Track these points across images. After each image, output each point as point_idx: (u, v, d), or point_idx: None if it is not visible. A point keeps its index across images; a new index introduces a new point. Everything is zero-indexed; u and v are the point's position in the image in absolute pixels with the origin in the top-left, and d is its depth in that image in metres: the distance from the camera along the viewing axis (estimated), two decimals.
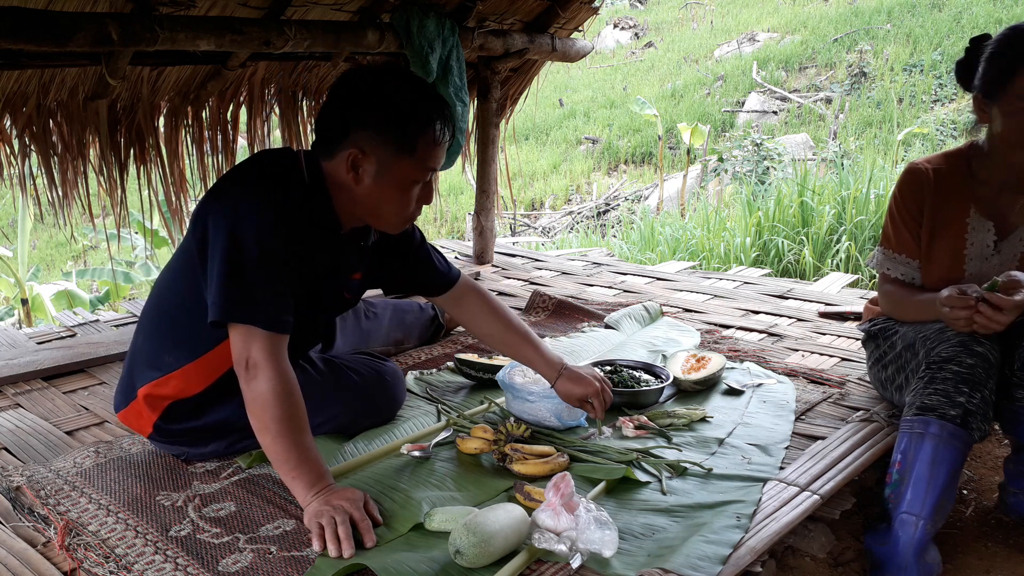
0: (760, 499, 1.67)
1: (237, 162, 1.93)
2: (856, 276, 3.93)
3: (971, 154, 1.94)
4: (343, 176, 1.66)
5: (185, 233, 1.75)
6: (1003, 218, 1.91)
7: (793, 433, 2.01)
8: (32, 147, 2.69)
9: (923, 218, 1.96)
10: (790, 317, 3.03)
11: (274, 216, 1.60)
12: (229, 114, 3.10)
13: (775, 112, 11.58)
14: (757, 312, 3.10)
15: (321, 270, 1.76)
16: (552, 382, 1.97)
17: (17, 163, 2.69)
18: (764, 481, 1.74)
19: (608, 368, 2.33)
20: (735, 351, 2.63)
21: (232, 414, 1.78)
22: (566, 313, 3.05)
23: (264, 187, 1.64)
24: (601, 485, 1.71)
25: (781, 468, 1.82)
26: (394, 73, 1.72)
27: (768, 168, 8.12)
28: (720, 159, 8.84)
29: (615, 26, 17.35)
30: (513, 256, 4.18)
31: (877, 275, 2.08)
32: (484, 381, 2.30)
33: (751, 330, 2.88)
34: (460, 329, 2.88)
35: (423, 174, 1.68)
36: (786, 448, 1.92)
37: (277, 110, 3.24)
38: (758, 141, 8.45)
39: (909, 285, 1.99)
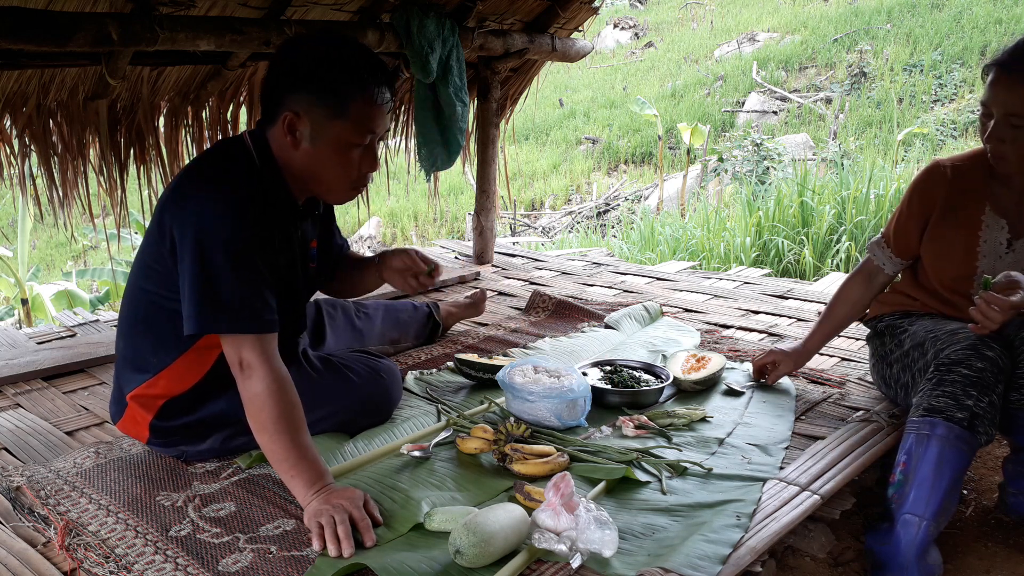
0: (760, 499, 1.66)
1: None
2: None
3: None
4: (282, 141, 1.66)
5: (148, 227, 1.73)
6: (1019, 217, 1.93)
7: (793, 433, 2.01)
8: (32, 147, 2.68)
9: (931, 217, 2.00)
10: (790, 317, 3.03)
11: (237, 215, 1.59)
12: (229, 114, 3.10)
13: (775, 112, 11.58)
14: (757, 312, 3.10)
15: (287, 249, 1.75)
16: (378, 272, 2.05)
17: (17, 163, 2.69)
18: (764, 481, 1.74)
19: (608, 368, 2.33)
20: (735, 351, 2.62)
21: (227, 406, 1.78)
22: (566, 313, 3.05)
23: (223, 186, 1.63)
24: (601, 485, 1.71)
25: (781, 468, 1.82)
26: (333, 37, 1.71)
27: (768, 168, 8.12)
28: (720, 159, 8.84)
29: (615, 26, 17.35)
30: (513, 256, 4.18)
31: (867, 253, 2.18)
32: (484, 381, 2.30)
33: (751, 330, 2.88)
34: (459, 328, 2.88)
35: (360, 137, 1.65)
36: (786, 448, 1.92)
37: None
38: (758, 141, 8.45)
39: (871, 277, 2.15)
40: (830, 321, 2.23)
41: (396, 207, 10.48)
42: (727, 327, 2.92)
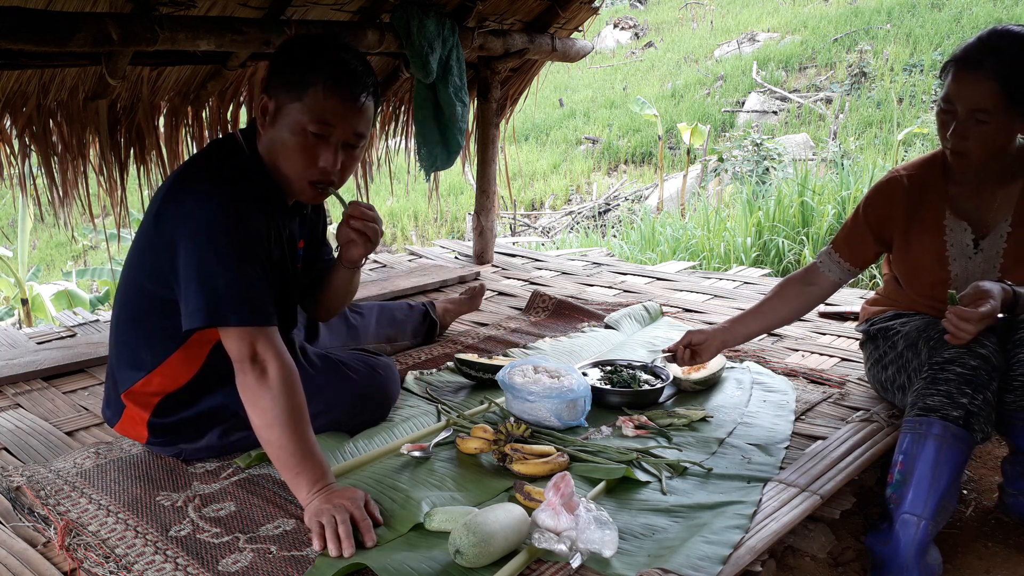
0: (760, 499, 1.67)
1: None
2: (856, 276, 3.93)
3: (946, 157, 1.95)
4: (259, 128, 1.69)
5: (141, 225, 1.73)
6: (979, 217, 1.93)
7: (793, 433, 2.01)
8: (32, 147, 2.68)
9: (895, 230, 2.00)
10: None
11: (235, 211, 1.60)
12: (229, 114, 3.10)
13: (775, 112, 11.58)
14: None
15: (279, 245, 1.76)
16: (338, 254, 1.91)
17: (17, 163, 2.69)
18: (764, 481, 1.74)
19: (608, 368, 2.33)
20: (735, 351, 2.62)
21: (225, 400, 1.78)
22: (566, 313, 3.05)
23: (218, 182, 1.63)
24: (601, 485, 1.71)
25: (781, 468, 1.82)
26: (324, 37, 1.73)
27: (768, 168, 8.12)
28: (720, 159, 8.84)
29: (615, 26, 17.35)
30: (513, 256, 4.17)
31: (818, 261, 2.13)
32: (484, 381, 2.30)
33: None
34: (459, 328, 2.88)
35: (312, 125, 1.62)
36: (786, 448, 1.92)
37: None
38: (758, 141, 8.45)
39: (814, 279, 2.11)
40: (763, 316, 2.15)
41: (396, 207, 10.48)
42: None
